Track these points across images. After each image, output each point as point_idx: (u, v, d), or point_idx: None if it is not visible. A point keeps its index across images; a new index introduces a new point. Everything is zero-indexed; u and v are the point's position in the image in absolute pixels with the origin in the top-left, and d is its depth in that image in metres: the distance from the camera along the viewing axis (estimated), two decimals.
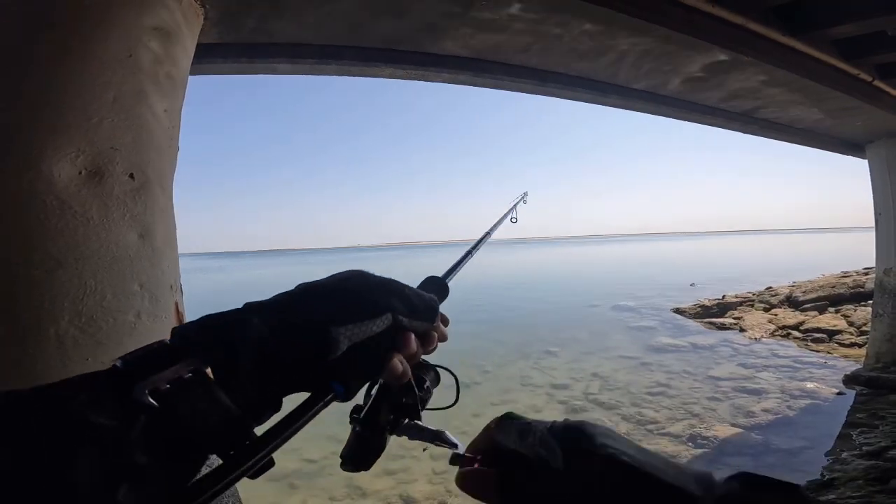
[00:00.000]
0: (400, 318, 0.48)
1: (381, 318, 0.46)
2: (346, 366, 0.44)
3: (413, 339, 0.49)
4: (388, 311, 0.47)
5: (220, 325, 0.40)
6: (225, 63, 2.25)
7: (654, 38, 2.66)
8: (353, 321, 0.44)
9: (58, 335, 1.14)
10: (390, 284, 0.50)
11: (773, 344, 9.08)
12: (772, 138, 5.13)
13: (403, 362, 0.48)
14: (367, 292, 0.47)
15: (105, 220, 1.17)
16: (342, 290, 0.47)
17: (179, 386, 0.35)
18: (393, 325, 0.47)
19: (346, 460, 0.54)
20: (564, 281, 26.18)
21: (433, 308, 0.53)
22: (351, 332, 0.43)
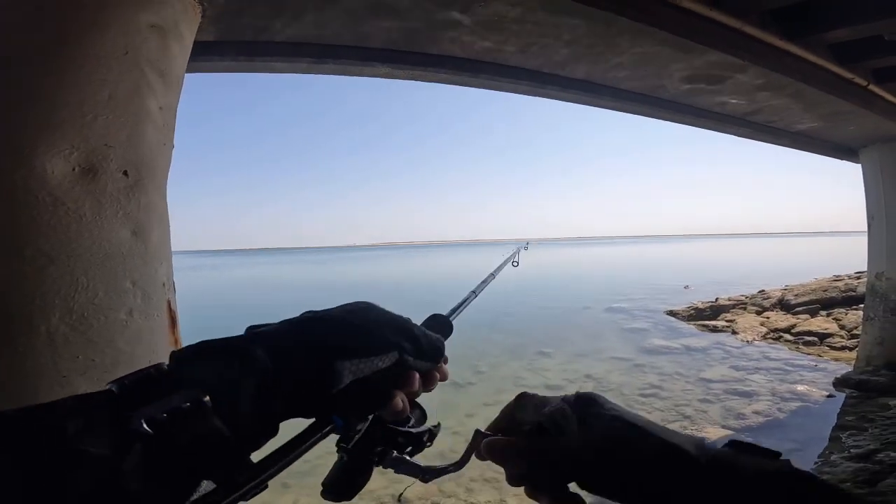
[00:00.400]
0: (406, 357, 0.48)
1: (387, 356, 0.46)
2: (348, 399, 0.44)
3: (417, 379, 0.50)
4: (395, 350, 0.47)
5: (220, 354, 0.40)
6: (222, 61, 2.24)
7: (652, 40, 2.67)
8: (358, 356, 0.44)
9: (48, 332, 1.13)
10: (398, 322, 0.50)
11: (764, 346, 9.15)
12: (766, 142, 5.16)
13: (405, 400, 0.48)
14: (375, 328, 0.48)
15: (98, 218, 1.16)
16: (350, 324, 0.47)
17: (177, 415, 0.34)
18: (398, 363, 0.48)
19: (327, 488, 0.54)
20: (559, 282, 26.27)
21: (439, 350, 0.53)
22: (356, 366, 0.44)
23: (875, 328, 6.07)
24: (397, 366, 0.48)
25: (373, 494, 4.09)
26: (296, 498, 3.99)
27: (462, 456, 0.56)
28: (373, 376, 0.45)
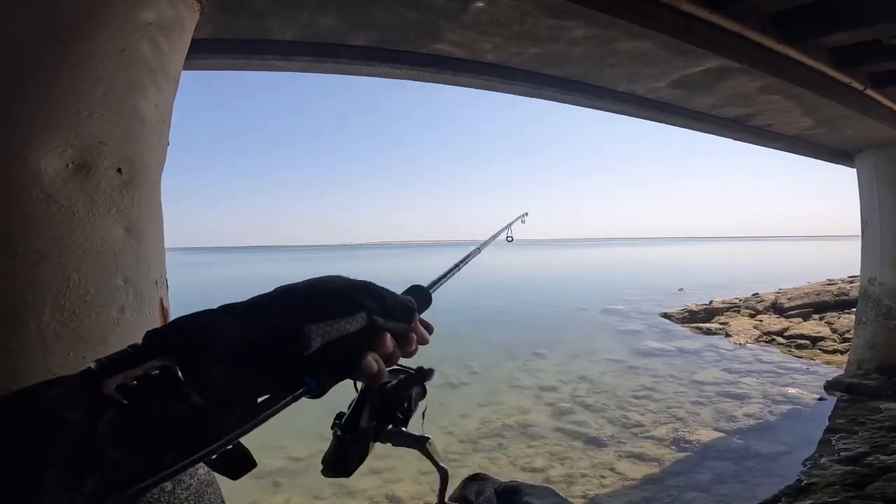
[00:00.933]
0: (375, 317, 0.48)
1: (355, 317, 0.46)
2: (320, 363, 0.44)
3: (389, 339, 0.49)
4: (363, 310, 0.47)
5: (189, 326, 0.41)
6: (219, 59, 2.23)
7: (651, 43, 2.67)
8: (326, 319, 0.44)
9: (39, 329, 1.12)
10: (367, 286, 0.50)
11: (757, 349, 9.20)
12: (762, 145, 5.19)
13: (379, 362, 0.48)
14: (342, 292, 0.48)
15: (91, 215, 1.15)
16: (317, 290, 0.48)
17: (147, 382, 0.36)
18: (369, 325, 0.47)
19: (326, 465, 0.55)
20: (553, 284, 26.31)
21: (410, 309, 0.53)
22: (324, 329, 0.44)
23: (867, 332, 6.12)
24: (369, 328, 0.47)
25: (366, 493, 4.07)
26: (288, 497, 3.98)
27: None
28: (343, 339, 0.45)
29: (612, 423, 5.62)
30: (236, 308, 0.44)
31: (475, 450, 4.96)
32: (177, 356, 0.38)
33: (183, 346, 0.39)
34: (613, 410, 6.05)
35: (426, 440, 0.61)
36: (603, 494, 4.01)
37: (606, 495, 4.00)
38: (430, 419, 0.53)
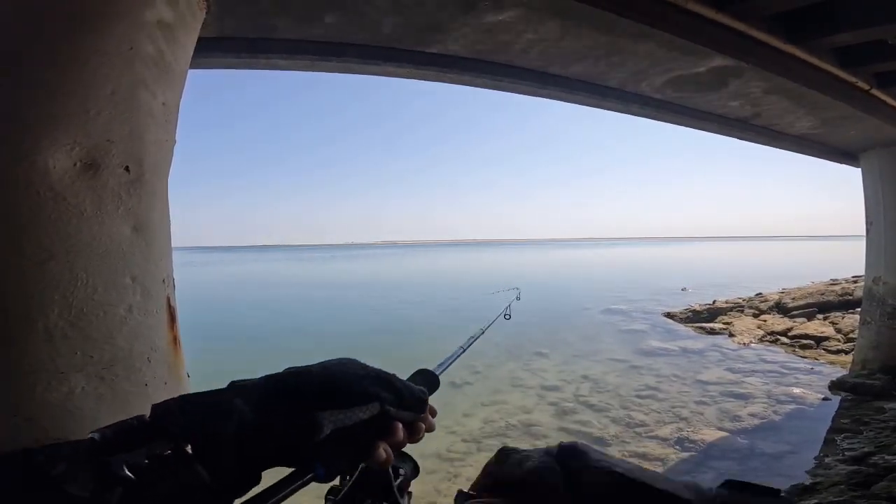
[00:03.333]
0: (388, 408, 0.49)
1: (368, 407, 0.48)
2: (330, 449, 0.45)
3: (400, 429, 0.50)
4: (377, 401, 0.48)
5: (202, 406, 0.41)
6: (225, 57, 2.23)
7: (656, 43, 2.66)
8: (338, 407, 0.45)
9: (47, 328, 1.12)
10: (380, 375, 0.51)
11: (761, 349, 9.18)
12: (767, 145, 5.17)
13: (388, 450, 0.49)
14: (355, 380, 0.49)
15: (98, 213, 1.15)
16: (331, 377, 0.48)
17: (158, 462, 0.36)
18: (381, 414, 0.48)
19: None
20: (556, 284, 26.26)
21: (422, 400, 0.54)
22: (336, 417, 0.45)
23: (871, 332, 6.09)
24: (380, 416, 0.48)
25: None
26: (292, 498, 3.99)
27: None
28: (355, 427, 0.46)
29: (616, 423, 5.61)
30: (248, 389, 0.44)
31: (479, 449, 4.96)
32: (186, 435, 0.39)
33: (194, 426, 0.39)
34: (617, 410, 6.04)
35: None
36: None
37: None
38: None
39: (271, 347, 10.97)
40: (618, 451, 4.82)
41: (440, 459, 4.71)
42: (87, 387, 1.17)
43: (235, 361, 9.49)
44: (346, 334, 12.50)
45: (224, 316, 16.23)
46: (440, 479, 4.34)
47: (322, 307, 18.68)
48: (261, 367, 0.53)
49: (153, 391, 1.29)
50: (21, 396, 1.12)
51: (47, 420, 1.13)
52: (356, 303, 19.62)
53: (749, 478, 4.29)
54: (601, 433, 5.28)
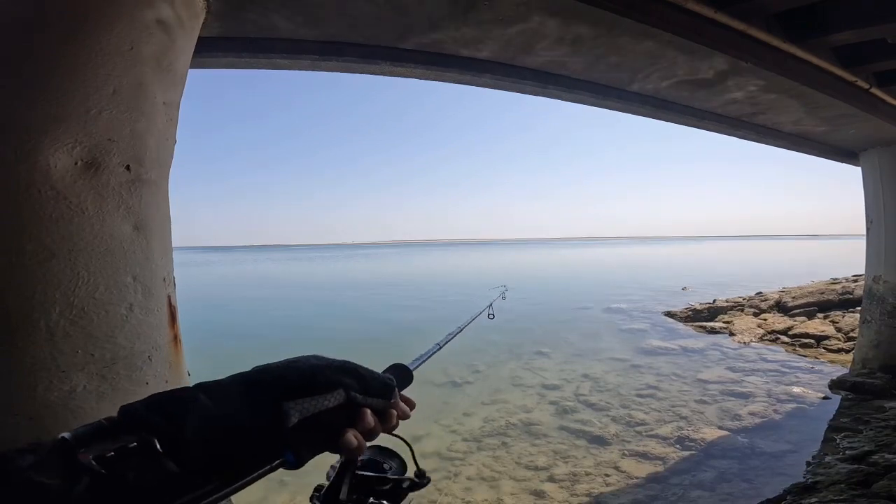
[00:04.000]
0: (354, 394, 0.50)
1: (333, 394, 0.49)
2: (298, 437, 0.46)
3: (369, 415, 0.51)
4: (340, 388, 0.49)
5: (166, 401, 0.43)
6: (225, 57, 2.23)
7: (656, 42, 2.67)
8: (303, 396, 0.47)
9: (48, 327, 1.12)
10: (344, 364, 0.52)
11: (761, 348, 9.18)
12: (766, 144, 5.17)
13: (359, 437, 0.49)
14: (318, 370, 0.50)
15: (100, 212, 1.15)
16: (294, 369, 0.49)
17: (125, 453, 0.38)
18: (347, 401, 0.50)
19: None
20: (556, 283, 26.27)
21: (388, 386, 0.54)
22: (301, 406, 0.46)
23: (871, 331, 6.09)
24: (347, 404, 0.50)
25: None
26: (292, 496, 4.00)
27: None
28: (322, 414, 0.47)
29: (616, 422, 5.61)
30: (212, 386, 0.46)
31: (479, 448, 4.96)
32: (153, 431, 0.40)
33: (160, 422, 0.41)
34: (617, 409, 6.04)
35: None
36: (607, 493, 4.01)
37: (611, 493, 4.00)
38: (434, 417, 0.54)
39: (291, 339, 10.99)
40: (618, 450, 4.82)
41: (440, 458, 4.71)
42: (89, 385, 1.17)
43: (249, 358, 9.51)
44: (353, 331, 12.52)
45: (249, 315, 16.26)
46: (441, 477, 4.35)
47: (345, 305, 18.70)
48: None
49: (154, 389, 1.28)
50: (23, 395, 1.12)
51: (49, 419, 1.13)
52: (382, 301, 19.65)
53: (750, 476, 4.29)
54: (601, 432, 5.28)
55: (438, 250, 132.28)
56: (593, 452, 4.79)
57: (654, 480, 4.19)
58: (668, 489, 4.02)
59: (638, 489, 4.06)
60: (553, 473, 4.37)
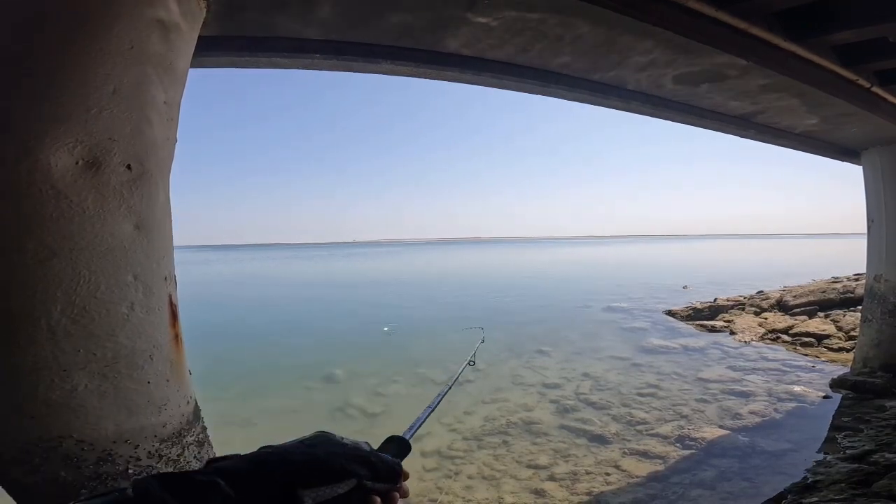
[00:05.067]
0: (364, 482, 0.55)
1: (345, 483, 0.53)
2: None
3: (378, 502, 0.55)
4: (353, 477, 0.54)
5: (185, 486, 0.44)
6: (226, 56, 2.23)
7: (656, 41, 2.66)
8: (318, 484, 0.51)
9: (49, 326, 1.13)
10: (356, 451, 0.57)
11: (762, 347, 9.18)
12: (768, 143, 5.16)
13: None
14: (332, 458, 0.54)
15: (101, 211, 1.16)
16: (310, 457, 0.53)
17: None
18: (357, 487, 0.54)
19: None
20: (557, 282, 26.27)
21: (396, 472, 0.60)
22: (316, 493, 0.50)
23: (872, 330, 6.08)
24: (357, 490, 0.54)
25: None
26: None
27: None
28: (334, 501, 0.51)
29: (617, 421, 5.62)
30: (227, 470, 0.48)
31: (479, 447, 4.97)
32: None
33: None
34: (618, 408, 6.05)
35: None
36: (608, 492, 4.02)
37: (611, 492, 4.01)
38: (435, 416, 0.57)
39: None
40: (619, 449, 4.83)
41: (441, 457, 4.72)
42: (90, 384, 1.18)
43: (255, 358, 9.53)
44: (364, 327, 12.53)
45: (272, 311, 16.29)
46: (441, 476, 4.35)
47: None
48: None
49: (155, 389, 1.30)
50: (24, 395, 1.13)
51: (51, 418, 1.14)
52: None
53: (750, 475, 4.29)
54: (602, 431, 5.29)
55: (442, 249, 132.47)
56: (594, 451, 4.80)
57: (654, 479, 4.20)
58: (668, 488, 4.03)
59: (638, 488, 4.06)
60: (554, 472, 4.37)
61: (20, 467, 1.15)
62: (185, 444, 1.38)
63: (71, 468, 1.17)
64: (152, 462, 1.28)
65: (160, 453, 1.31)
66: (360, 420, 5.97)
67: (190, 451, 1.40)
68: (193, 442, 1.42)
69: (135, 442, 1.25)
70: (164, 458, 1.31)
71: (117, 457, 1.22)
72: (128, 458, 1.24)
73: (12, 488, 1.21)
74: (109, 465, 1.21)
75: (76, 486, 1.17)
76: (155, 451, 1.30)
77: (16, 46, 1.05)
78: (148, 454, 1.28)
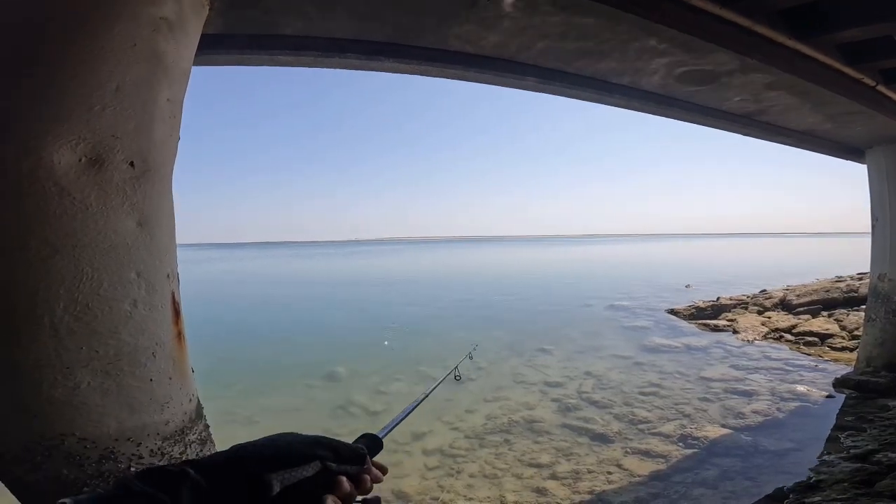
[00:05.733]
0: (328, 463, 0.57)
1: (309, 465, 0.56)
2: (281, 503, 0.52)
3: (345, 481, 0.57)
4: (315, 459, 0.56)
5: (159, 476, 0.48)
6: (228, 54, 2.23)
7: (659, 38, 2.65)
8: (283, 468, 0.53)
9: (52, 323, 1.13)
10: (317, 439, 0.60)
11: (765, 346, 9.15)
12: (772, 141, 5.14)
13: (337, 502, 0.55)
14: (296, 445, 0.57)
15: (104, 208, 1.16)
16: (273, 446, 0.56)
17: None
18: (323, 470, 0.56)
19: None
20: (559, 280, 26.25)
21: (360, 454, 0.62)
22: (282, 476, 0.53)
23: (876, 329, 6.06)
24: (323, 472, 0.56)
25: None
26: None
27: None
28: (301, 483, 0.54)
29: (619, 420, 5.61)
30: (198, 462, 0.52)
31: (481, 445, 4.98)
32: (149, 502, 0.45)
33: (155, 494, 0.46)
34: (620, 407, 6.05)
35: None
36: (609, 490, 4.02)
37: (613, 491, 4.00)
38: (437, 414, 0.58)
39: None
40: (621, 447, 4.82)
41: (443, 455, 4.73)
42: (93, 382, 1.18)
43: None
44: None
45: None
46: (443, 474, 4.36)
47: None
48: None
49: (158, 387, 1.30)
50: (27, 393, 1.13)
51: (54, 415, 1.14)
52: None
53: (753, 474, 4.28)
54: (604, 430, 5.29)
55: (445, 248, 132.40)
56: (596, 450, 4.80)
57: (656, 478, 4.19)
58: (670, 487, 4.02)
59: (640, 487, 4.06)
60: (555, 471, 4.37)
61: (22, 466, 1.15)
62: (187, 442, 1.38)
63: (73, 466, 1.17)
64: (154, 460, 1.28)
65: (162, 451, 1.31)
66: (362, 418, 5.97)
67: (192, 448, 1.40)
68: (196, 440, 1.42)
69: (137, 440, 1.25)
70: (166, 456, 1.31)
71: (119, 455, 1.22)
72: (130, 456, 1.24)
73: (14, 487, 1.21)
74: (111, 463, 1.21)
75: (78, 484, 1.17)
76: (157, 449, 1.30)
77: (18, 45, 1.05)
78: (150, 452, 1.28)
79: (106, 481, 1.20)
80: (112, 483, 0.46)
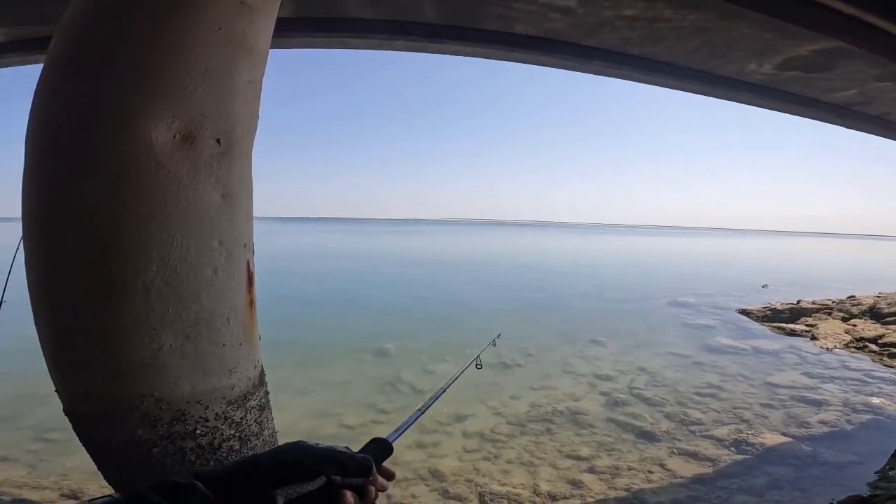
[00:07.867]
0: (333, 477, 0.60)
1: (314, 481, 0.58)
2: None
3: (349, 495, 0.60)
4: (321, 475, 0.59)
5: (169, 487, 0.51)
6: (299, 37, 2.32)
7: (748, 24, 2.44)
8: (288, 483, 0.56)
9: (144, 286, 1.21)
10: (326, 453, 0.62)
11: (845, 356, 8.41)
12: (876, 135, 4.63)
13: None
14: (302, 460, 0.60)
15: (193, 181, 1.26)
16: (280, 462, 0.59)
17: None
18: (328, 485, 0.59)
19: None
20: (622, 272, 25.25)
21: (366, 466, 0.64)
22: (286, 492, 0.55)
23: None
24: (328, 486, 0.59)
25: (409, 466, 4.18)
26: None
27: None
28: (305, 497, 0.56)
29: (669, 419, 5.42)
30: (205, 475, 0.55)
31: (522, 433, 4.99)
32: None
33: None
34: (672, 406, 5.83)
35: None
36: (647, 489, 3.92)
37: (651, 490, 3.90)
38: (481, 398, 0.61)
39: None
40: (667, 447, 4.67)
41: (482, 439, 4.79)
42: (174, 344, 1.25)
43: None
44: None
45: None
46: (480, 457, 4.42)
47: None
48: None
49: (229, 352, 1.36)
50: (114, 354, 1.21)
51: (136, 377, 1.22)
52: None
53: (804, 485, 4.02)
54: (652, 428, 5.13)
55: (491, 230, 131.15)
56: (640, 448, 4.68)
57: (699, 482, 4.03)
58: (712, 492, 3.86)
59: (680, 489, 3.92)
60: (594, 465, 4.32)
61: (103, 426, 1.23)
62: (248, 408, 1.42)
63: (148, 427, 1.23)
64: (218, 424, 1.33)
65: (226, 415, 1.35)
66: (410, 396, 6.12)
67: (252, 414, 1.44)
68: (256, 405, 1.46)
69: (205, 403, 1.30)
70: (228, 420, 1.35)
71: (189, 417, 1.28)
72: (197, 419, 1.30)
73: (91, 446, 1.30)
74: (181, 424, 1.27)
75: (149, 445, 1.24)
76: (222, 413, 1.34)
77: (113, 32, 1.16)
78: (216, 416, 1.33)
79: (174, 443, 1.26)
80: (126, 494, 0.53)
